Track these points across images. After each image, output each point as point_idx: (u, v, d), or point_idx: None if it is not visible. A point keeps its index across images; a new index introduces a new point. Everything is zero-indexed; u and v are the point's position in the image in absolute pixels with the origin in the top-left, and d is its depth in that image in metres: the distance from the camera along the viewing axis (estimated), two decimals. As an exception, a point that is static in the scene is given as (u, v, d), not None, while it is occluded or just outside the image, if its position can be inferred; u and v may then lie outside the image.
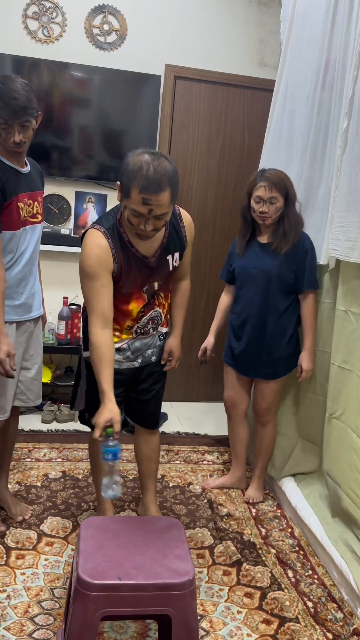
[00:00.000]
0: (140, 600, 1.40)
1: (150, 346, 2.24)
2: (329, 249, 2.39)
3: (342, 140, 2.29)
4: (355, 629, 1.96)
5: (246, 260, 2.60)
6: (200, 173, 3.84)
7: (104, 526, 1.63)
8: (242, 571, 2.23)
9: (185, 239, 2.12)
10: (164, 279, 2.12)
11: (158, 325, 2.22)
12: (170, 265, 2.10)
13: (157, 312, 2.18)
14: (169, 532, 1.61)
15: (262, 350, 2.60)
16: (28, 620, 1.88)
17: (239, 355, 2.68)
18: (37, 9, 3.48)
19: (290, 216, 2.50)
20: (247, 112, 3.84)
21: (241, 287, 2.65)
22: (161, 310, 2.19)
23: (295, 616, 2.01)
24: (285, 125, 2.81)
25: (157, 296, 2.15)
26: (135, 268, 2.01)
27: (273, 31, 3.73)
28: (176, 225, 2.08)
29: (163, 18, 3.63)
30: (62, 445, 3.16)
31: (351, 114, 2.22)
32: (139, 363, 2.23)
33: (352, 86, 2.22)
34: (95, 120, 3.59)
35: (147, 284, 2.07)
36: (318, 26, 2.55)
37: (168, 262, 2.09)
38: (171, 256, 2.09)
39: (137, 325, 2.14)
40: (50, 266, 3.74)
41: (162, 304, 2.19)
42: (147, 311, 2.13)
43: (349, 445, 2.23)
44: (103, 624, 1.85)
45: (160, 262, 2.07)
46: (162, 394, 2.40)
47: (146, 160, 1.77)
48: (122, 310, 2.07)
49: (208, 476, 2.98)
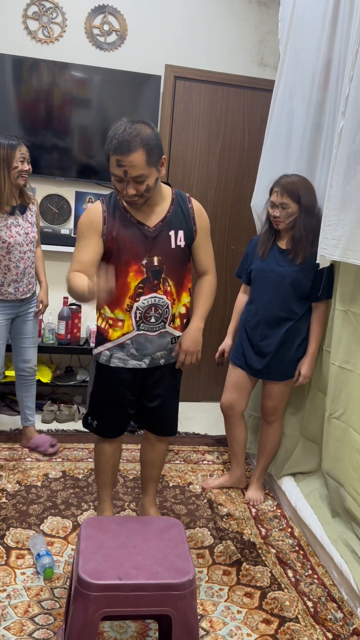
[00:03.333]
0: (141, 600, 1.40)
1: (160, 348, 2.14)
2: (321, 249, 2.38)
3: (337, 140, 2.29)
4: (355, 629, 1.96)
5: (265, 263, 2.60)
6: (200, 173, 3.84)
7: (104, 526, 1.63)
8: (242, 571, 2.23)
9: (193, 221, 2.09)
10: (166, 258, 2.05)
11: (164, 318, 2.09)
12: (173, 241, 2.05)
13: (163, 300, 2.06)
14: (169, 532, 1.61)
15: (273, 353, 2.59)
16: (28, 620, 1.88)
17: (250, 356, 2.66)
18: (37, 9, 3.48)
19: (303, 224, 2.48)
20: (247, 112, 3.84)
21: (257, 289, 2.64)
22: (168, 301, 2.08)
23: (295, 616, 2.01)
24: (285, 125, 2.81)
25: (164, 281, 2.06)
26: (129, 233, 2.01)
27: (273, 31, 3.73)
28: (183, 204, 2.09)
29: (163, 18, 3.63)
30: (62, 445, 3.16)
31: (346, 113, 2.22)
32: (146, 364, 2.15)
33: (348, 86, 2.22)
34: (95, 121, 3.59)
35: (147, 256, 2.02)
36: (317, 26, 2.55)
37: (170, 237, 2.05)
38: (174, 232, 2.05)
39: (137, 306, 2.05)
40: (51, 266, 3.74)
41: (169, 293, 2.08)
42: (148, 291, 2.04)
43: (351, 445, 2.23)
44: (103, 623, 1.86)
45: (161, 235, 2.03)
46: (175, 402, 2.31)
47: (121, 124, 1.89)
48: (121, 285, 2.03)
49: (208, 476, 2.98)
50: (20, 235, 2.75)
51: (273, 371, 2.63)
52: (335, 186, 2.24)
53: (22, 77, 3.45)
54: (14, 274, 2.77)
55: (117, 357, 2.13)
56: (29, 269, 2.85)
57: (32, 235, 2.83)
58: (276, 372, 2.63)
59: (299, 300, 2.54)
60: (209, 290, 2.20)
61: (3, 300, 2.79)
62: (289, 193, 2.46)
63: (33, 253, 2.87)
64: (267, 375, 2.66)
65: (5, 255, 2.73)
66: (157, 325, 2.10)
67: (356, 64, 2.13)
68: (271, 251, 2.60)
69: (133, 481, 2.83)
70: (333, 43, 2.49)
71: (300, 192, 2.46)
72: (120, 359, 2.13)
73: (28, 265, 2.83)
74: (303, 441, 2.80)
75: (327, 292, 2.51)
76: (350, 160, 2.15)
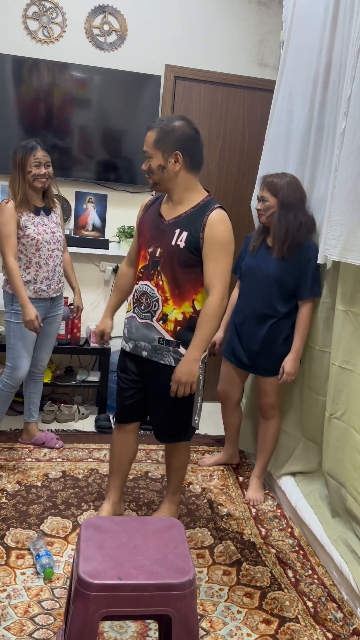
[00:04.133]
0: (141, 600, 1.40)
1: (144, 338, 2.21)
2: (324, 249, 2.38)
3: (340, 141, 2.29)
4: (355, 629, 1.96)
5: (253, 260, 2.68)
6: (200, 173, 3.84)
7: (104, 526, 1.63)
8: (242, 571, 2.23)
9: (202, 227, 2.08)
10: (165, 252, 2.12)
11: (151, 310, 2.17)
12: (175, 238, 2.11)
13: (153, 292, 2.16)
14: (169, 532, 1.61)
15: (258, 349, 2.66)
16: (28, 620, 1.88)
17: (237, 351, 2.75)
18: (37, 9, 3.48)
19: (278, 219, 2.53)
20: (247, 112, 3.84)
21: (245, 285, 2.74)
22: (159, 295, 2.15)
23: (295, 616, 2.01)
24: (285, 125, 2.81)
25: (158, 274, 2.14)
26: (151, 222, 2.21)
27: (273, 31, 3.73)
28: (203, 211, 2.11)
29: (163, 18, 3.63)
30: (62, 445, 3.16)
31: (348, 114, 2.22)
32: (129, 348, 2.28)
33: (350, 86, 2.22)
34: (96, 121, 3.59)
35: (153, 245, 2.16)
36: (318, 26, 2.55)
37: (174, 234, 2.12)
38: (178, 231, 2.11)
39: (135, 288, 2.24)
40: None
41: (161, 288, 2.14)
42: (145, 278, 2.19)
43: (352, 445, 2.23)
44: (103, 623, 1.86)
45: (168, 230, 2.14)
46: (173, 411, 2.25)
47: None
48: (137, 263, 2.27)
49: (208, 476, 2.98)
50: (48, 233, 2.83)
51: (259, 367, 2.71)
52: (339, 186, 2.24)
53: (22, 77, 3.45)
54: (44, 271, 2.84)
55: (124, 336, 2.34)
56: (58, 267, 2.92)
57: (59, 235, 2.91)
58: (262, 368, 2.70)
59: (283, 299, 2.58)
60: (209, 315, 2.08)
61: (37, 298, 2.84)
62: (268, 187, 2.56)
63: (61, 252, 2.94)
64: (254, 370, 2.75)
65: (35, 252, 2.80)
66: (144, 313, 2.21)
67: (358, 65, 2.14)
68: (260, 248, 2.68)
69: (133, 481, 2.83)
70: (333, 43, 2.49)
71: (279, 186, 2.53)
72: (124, 339, 2.34)
73: (57, 263, 2.91)
74: (304, 441, 2.80)
75: (312, 290, 2.55)
76: (352, 160, 2.15)
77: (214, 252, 2.07)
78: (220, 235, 2.08)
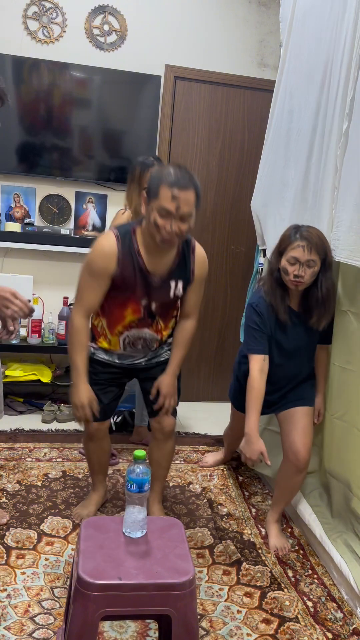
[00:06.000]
0: (141, 600, 1.40)
1: (142, 355, 2.29)
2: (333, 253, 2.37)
3: (342, 142, 2.29)
4: (355, 629, 1.96)
5: (283, 335, 2.33)
6: (200, 173, 3.84)
7: (104, 526, 1.63)
8: (242, 571, 2.23)
9: (192, 272, 2.14)
10: (163, 304, 2.15)
11: (150, 346, 2.26)
12: (172, 291, 2.13)
13: (152, 335, 2.22)
14: (169, 531, 1.61)
15: (290, 387, 2.46)
16: (28, 619, 1.88)
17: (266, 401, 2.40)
18: (37, 9, 3.48)
19: (326, 284, 2.22)
20: (247, 112, 3.84)
21: (272, 359, 2.37)
22: (157, 336, 2.23)
23: (295, 616, 2.01)
24: (285, 125, 2.81)
25: (156, 322, 2.19)
26: (136, 279, 2.07)
27: (273, 31, 3.74)
28: (187, 254, 2.13)
29: (163, 18, 3.63)
30: (63, 445, 3.16)
31: (352, 115, 2.23)
32: (126, 364, 2.31)
33: (352, 87, 2.22)
34: (96, 121, 3.59)
35: (145, 299, 2.12)
36: (318, 26, 2.55)
37: (170, 287, 2.12)
38: (174, 283, 2.12)
39: (127, 335, 2.19)
40: (51, 266, 3.75)
41: (159, 331, 2.23)
42: (141, 327, 2.18)
43: (355, 444, 2.23)
44: (103, 623, 1.86)
45: (163, 285, 2.11)
46: None
47: (173, 166, 1.92)
48: (117, 315, 2.16)
49: (209, 476, 2.98)
50: None
51: (293, 399, 2.44)
52: (344, 186, 2.24)
53: (22, 77, 3.45)
54: None
55: (100, 353, 2.29)
56: None
57: None
58: (297, 399, 2.43)
59: (313, 351, 2.43)
60: (188, 339, 2.26)
61: None
62: (317, 248, 2.16)
63: None
64: (284, 405, 2.44)
65: None
66: (143, 349, 2.26)
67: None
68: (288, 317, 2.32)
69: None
70: (334, 43, 2.48)
71: (326, 246, 2.20)
72: (111, 355, 2.29)
73: None
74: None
75: (330, 337, 2.39)
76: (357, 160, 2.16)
77: (198, 285, 2.20)
78: (205, 271, 2.20)
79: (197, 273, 2.16)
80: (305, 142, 2.66)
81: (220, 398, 4.05)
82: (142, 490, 1.52)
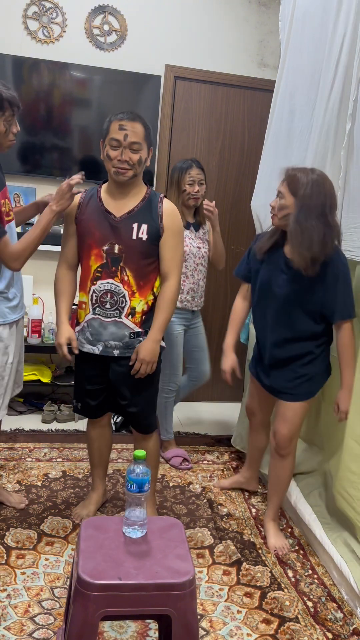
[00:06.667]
0: (141, 600, 1.40)
1: (115, 337, 2.19)
2: (346, 252, 2.33)
3: (346, 142, 2.29)
4: (355, 629, 1.96)
5: (270, 274, 2.28)
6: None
7: (104, 526, 1.63)
8: (242, 571, 2.23)
9: (159, 218, 2.16)
10: (127, 247, 2.13)
11: (119, 307, 2.17)
12: (135, 233, 2.14)
13: (119, 288, 2.15)
14: (169, 531, 1.61)
15: (281, 371, 2.34)
16: (28, 619, 1.88)
17: (260, 369, 2.47)
18: (37, 9, 3.48)
19: (299, 226, 2.09)
20: (247, 112, 3.84)
21: (259, 302, 2.36)
22: (125, 290, 2.15)
23: (295, 616, 2.01)
24: (286, 125, 2.81)
25: (122, 270, 2.15)
26: (96, 219, 2.17)
27: (273, 31, 3.73)
28: (153, 202, 2.19)
29: (163, 18, 3.63)
30: (63, 445, 3.16)
31: (355, 115, 2.23)
32: (99, 350, 2.22)
33: (356, 87, 2.22)
34: (96, 121, 3.59)
35: (108, 243, 2.14)
36: (319, 26, 2.55)
37: (133, 229, 2.14)
38: (137, 225, 2.14)
39: (94, 289, 2.18)
40: (50, 266, 3.71)
41: (127, 283, 2.15)
42: (105, 276, 2.16)
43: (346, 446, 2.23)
44: (103, 623, 1.86)
45: (125, 226, 2.14)
46: (149, 401, 2.32)
47: None
48: (85, 267, 2.22)
49: (209, 477, 2.98)
50: (194, 247, 2.93)
51: (280, 390, 2.36)
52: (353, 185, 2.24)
53: (22, 77, 3.45)
54: (190, 283, 2.95)
55: (79, 341, 2.28)
56: (201, 282, 3.02)
57: (204, 251, 3.00)
58: (283, 392, 2.35)
59: (311, 320, 2.22)
60: (168, 299, 2.20)
61: (182, 309, 2.95)
62: (289, 182, 2.13)
63: (205, 268, 3.03)
64: (276, 393, 2.39)
65: (183, 262, 2.84)
66: (111, 311, 2.19)
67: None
68: (276, 257, 2.26)
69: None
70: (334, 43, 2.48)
71: (301, 183, 2.09)
72: (80, 343, 2.27)
73: (200, 277, 3.00)
74: (302, 443, 2.80)
75: (344, 311, 2.16)
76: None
77: (171, 238, 2.19)
78: (177, 224, 2.21)
79: (166, 222, 2.16)
80: (305, 142, 2.66)
81: (220, 398, 4.05)
82: (142, 490, 1.53)
